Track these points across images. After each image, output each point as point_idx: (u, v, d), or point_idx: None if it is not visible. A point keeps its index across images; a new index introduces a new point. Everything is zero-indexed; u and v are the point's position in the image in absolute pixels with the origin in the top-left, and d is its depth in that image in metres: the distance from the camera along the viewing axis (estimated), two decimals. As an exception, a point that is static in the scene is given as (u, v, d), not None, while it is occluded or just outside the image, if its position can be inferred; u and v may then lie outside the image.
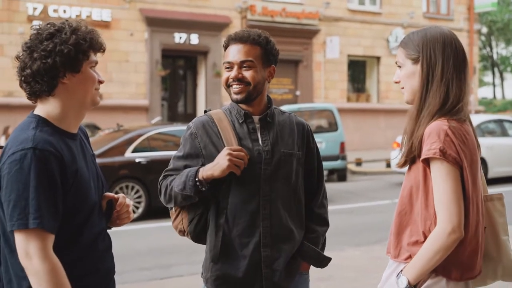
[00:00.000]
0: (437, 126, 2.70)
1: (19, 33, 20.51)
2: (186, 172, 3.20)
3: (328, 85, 27.30)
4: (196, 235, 3.35)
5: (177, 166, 3.31)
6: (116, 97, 22.38)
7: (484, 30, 46.87)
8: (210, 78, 24.25)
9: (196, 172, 3.16)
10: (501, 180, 17.25)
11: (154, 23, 23.30)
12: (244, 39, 3.28)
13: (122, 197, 2.85)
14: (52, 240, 2.44)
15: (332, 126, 18.56)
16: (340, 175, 18.72)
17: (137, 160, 12.93)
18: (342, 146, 18.30)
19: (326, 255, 3.43)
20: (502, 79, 56.78)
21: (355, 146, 25.99)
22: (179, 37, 23.83)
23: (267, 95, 3.39)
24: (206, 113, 3.38)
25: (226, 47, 3.33)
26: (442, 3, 31.00)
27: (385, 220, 10.12)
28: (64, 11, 21.53)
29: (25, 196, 2.40)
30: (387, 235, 3.00)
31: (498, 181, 17.16)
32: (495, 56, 55.25)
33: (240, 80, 3.25)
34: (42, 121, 2.57)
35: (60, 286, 2.41)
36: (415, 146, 2.76)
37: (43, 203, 2.41)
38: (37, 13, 21.15)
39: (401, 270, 2.77)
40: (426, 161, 2.72)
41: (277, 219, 3.25)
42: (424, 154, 2.70)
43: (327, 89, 27.26)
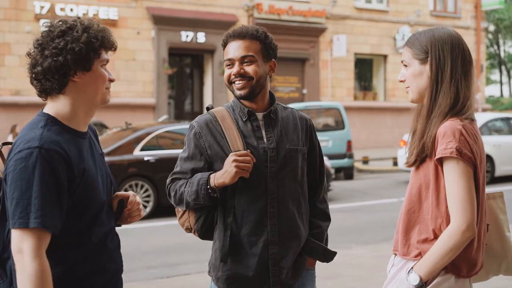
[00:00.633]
0: (452, 126, 2.73)
1: (26, 31, 20.58)
2: (197, 181, 3.18)
3: (335, 83, 27.29)
4: (203, 233, 3.35)
5: (184, 169, 3.29)
6: (123, 96, 22.41)
7: (492, 28, 46.68)
8: (216, 76, 24.26)
9: (207, 180, 3.15)
10: (508, 179, 17.22)
11: (161, 21, 23.32)
12: (243, 35, 3.26)
13: (133, 195, 2.86)
14: (48, 240, 2.42)
15: (339, 125, 18.58)
16: (347, 173, 18.74)
17: (146, 158, 12.96)
18: (349, 144, 18.32)
19: (332, 250, 3.43)
20: (509, 77, 56.54)
21: (362, 144, 25.98)
22: (186, 36, 23.85)
23: (269, 91, 3.38)
24: (209, 111, 3.35)
25: (225, 45, 3.31)
26: (449, 1, 30.91)
27: (392, 218, 10.11)
28: (71, 10, 21.58)
29: (28, 195, 2.40)
30: (394, 233, 3.01)
31: (505, 179, 17.14)
32: (502, 54, 55.04)
33: (242, 75, 3.23)
34: (51, 120, 2.56)
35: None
36: (428, 146, 2.78)
37: (45, 202, 2.40)
38: (44, 11, 21.20)
39: (412, 267, 2.78)
40: (439, 160, 2.74)
41: (285, 216, 3.24)
42: (439, 153, 2.71)
43: (334, 87, 27.24)
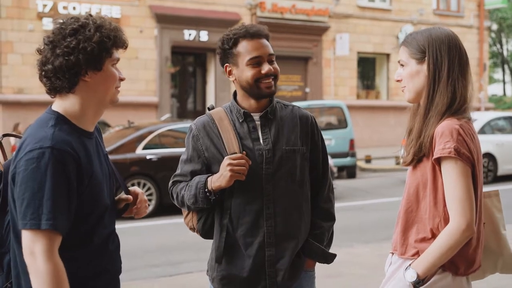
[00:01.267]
0: (449, 126, 2.73)
1: (29, 30, 20.61)
2: (195, 184, 3.20)
3: (338, 82, 27.26)
4: (205, 232, 3.37)
5: (184, 172, 3.32)
6: (126, 94, 22.37)
7: (494, 27, 46.62)
8: (219, 75, 24.24)
9: (205, 183, 3.16)
10: (511, 177, 17.20)
11: (164, 20, 23.31)
12: (262, 32, 3.24)
13: (141, 193, 2.87)
14: (59, 242, 2.40)
15: (342, 123, 18.57)
16: (350, 172, 18.72)
17: (148, 157, 12.96)
18: (351, 143, 18.32)
19: (331, 252, 3.40)
20: (512, 76, 56.50)
21: (365, 143, 25.96)
22: (189, 34, 23.83)
23: None
24: (207, 112, 3.34)
25: (235, 42, 3.21)
26: (452, 0, 30.87)
27: (394, 217, 10.02)
28: (74, 8, 21.55)
29: (39, 196, 2.36)
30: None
31: (508, 178, 17.12)
32: (505, 53, 54.93)
33: (271, 74, 3.21)
34: (61, 119, 2.53)
35: None
36: (426, 145, 2.79)
37: (57, 203, 2.38)
38: (47, 10, 21.18)
39: (410, 265, 2.79)
40: (437, 160, 2.74)
41: (281, 218, 3.22)
42: (437, 153, 2.71)
43: (336, 86, 27.22)
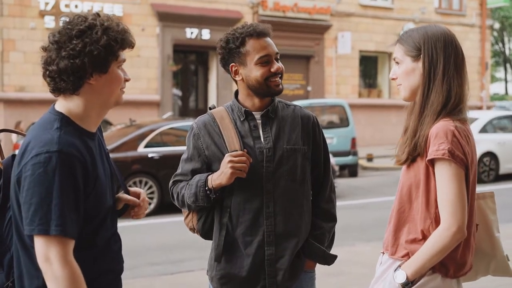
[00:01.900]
0: (444, 127, 2.69)
1: (31, 28, 20.60)
2: (195, 183, 3.19)
3: (340, 80, 27.24)
4: (205, 232, 3.36)
5: (185, 171, 3.32)
6: (128, 92, 21.81)
7: (497, 25, 46.57)
8: (221, 74, 24.22)
9: (205, 182, 3.15)
10: (513, 176, 17.23)
11: (166, 18, 23.30)
12: (268, 31, 3.26)
13: (144, 193, 2.86)
14: (72, 246, 2.38)
15: (344, 122, 18.57)
16: (351, 170, 18.72)
17: (150, 155, 12.96)
18: (353, 142, 18.32)
19: (332, 253, 3.38)
20: (514, 75, 56.47)
21: (366, 141, 25.94)
22: (191, 32, 23.82)
23: None
24: (209, 111, 3.34)
25: (243, 42, 3.20)
26: (454, -1, 30.87)
27: (396, 216, 10.06)
28: (76, 6, 21.54)
29: (47, 201, 2.32)
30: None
31: (510, 177, 17.10)
32: (507, 52, 54.90)
33: (280, 72, 3.23)
34: (65, 120, 2.48)
35: None
36: (421, 145, 2.75)
37: (65, 209, 2.34)
38: (48, 8, 21.17)
39: (399, 266, 2.76)
40: (431, 161, 2.70)
41: (281, 217, 3.20)
42: (431, 155, 2.68)
43: (338, 84, 27.20)
